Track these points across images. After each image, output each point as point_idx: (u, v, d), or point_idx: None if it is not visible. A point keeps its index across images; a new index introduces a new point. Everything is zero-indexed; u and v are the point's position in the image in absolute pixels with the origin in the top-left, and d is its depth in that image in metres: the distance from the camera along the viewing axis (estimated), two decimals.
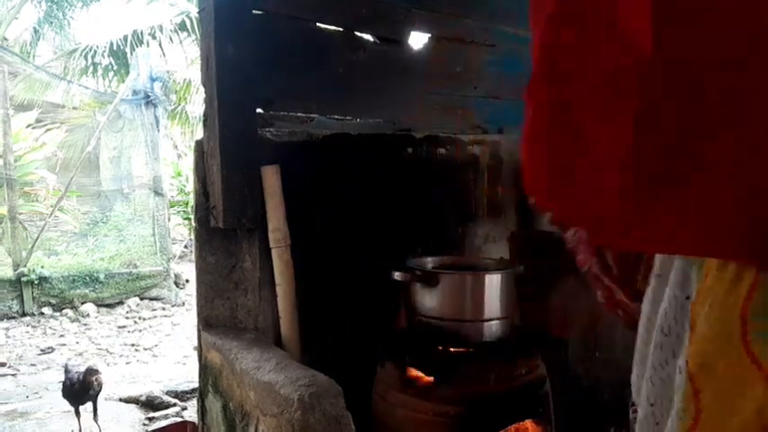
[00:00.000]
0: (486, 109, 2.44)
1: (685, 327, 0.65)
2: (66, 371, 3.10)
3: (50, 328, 5.63)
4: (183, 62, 9.25)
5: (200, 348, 1.84)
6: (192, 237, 5.21)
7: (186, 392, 3.68)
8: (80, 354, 4.84)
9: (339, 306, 1.97)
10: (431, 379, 1.64)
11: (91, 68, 8.45)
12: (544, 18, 0.63)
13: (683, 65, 0.53)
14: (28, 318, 5.88)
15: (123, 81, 7.89)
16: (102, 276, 6.34)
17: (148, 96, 6.74)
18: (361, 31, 2.09)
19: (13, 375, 4.25)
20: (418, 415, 1.62)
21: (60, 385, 3.08)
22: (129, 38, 8.25)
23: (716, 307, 0.58)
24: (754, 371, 0.54)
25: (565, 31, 0.62)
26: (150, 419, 3.32)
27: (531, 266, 1.98)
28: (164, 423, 3.10)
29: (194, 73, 9.09)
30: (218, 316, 1.83)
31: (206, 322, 1.82)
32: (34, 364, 4.54)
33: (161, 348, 5.05)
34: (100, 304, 6.28)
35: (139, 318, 6.08)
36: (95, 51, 8.33)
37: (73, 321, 5.88)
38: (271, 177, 1.77)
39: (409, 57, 2.22)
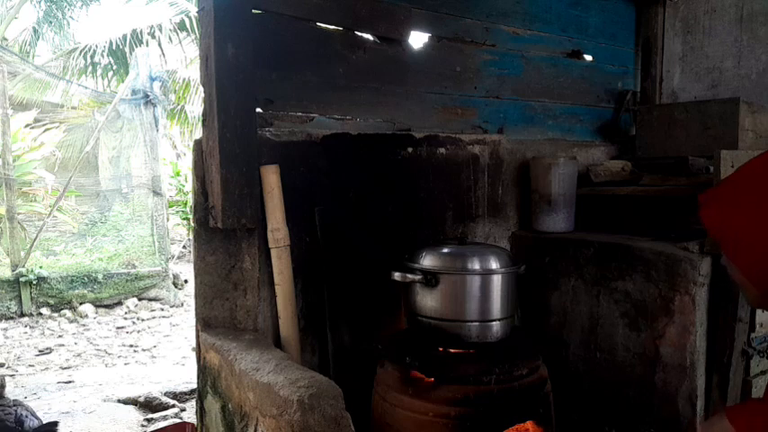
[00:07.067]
0: (486, 109, 2.43)
1: None
2: None
3: (48, 328, 5.61)
4: (182, 62, 9.23)
5: (198, 349, 1.83)
6: (191, 237, 5.20)
7: (185, 393, 3.67)
8: (78, 354, 4.83)
9: (339, 306, 1.96)
10: (431, 380, 1.64)
11: (90, 68, 8.42)
12: None
13: None
14: (26, 318, 5.87)
15: (122, 81, 7.88)
16: (100, 277, 6.33)
17: (147, 96, 6.73)
18: (361, 31, 2.09)
19: (11, 376, 4.23)
20: (418, 416, 1.62)
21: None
22: (129, 37, 8.23)
23: None
24: None
25: None
26: (149, 420, 3.31)
27: (532, 266, 1.98)
28: (162, 424, 3.09)
29: (193, 72, 9.08)
30: (217, 316, 1.83)
31: (205, 323, 1.82)
32: (32, 365, 4.53)
33: (159, 349, 5.04)
34: (98, 305, 6.27)
35: (138, 318, 6.07)
36: (94, 51, 8.31)
37: (71, 322, 5.87)
38: (270, 177, 1.76)
39: (409, 57, 2.21)
